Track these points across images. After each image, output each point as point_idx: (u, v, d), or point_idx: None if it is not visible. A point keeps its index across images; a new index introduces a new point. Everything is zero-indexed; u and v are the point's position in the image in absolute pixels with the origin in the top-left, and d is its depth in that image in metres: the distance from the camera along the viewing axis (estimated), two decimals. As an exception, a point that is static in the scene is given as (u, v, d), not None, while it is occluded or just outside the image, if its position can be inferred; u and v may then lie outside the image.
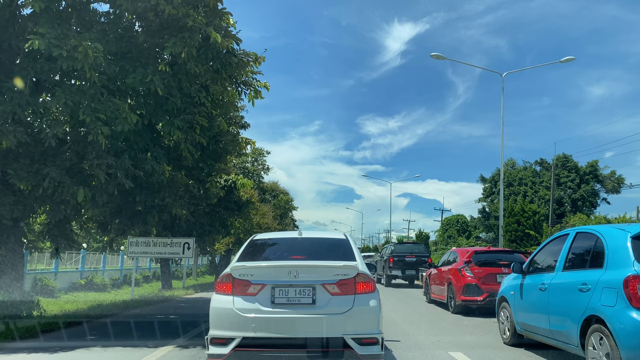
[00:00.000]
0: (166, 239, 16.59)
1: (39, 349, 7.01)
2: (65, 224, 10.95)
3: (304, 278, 5.15)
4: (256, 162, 42.59)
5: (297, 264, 5.29)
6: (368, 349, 4.94)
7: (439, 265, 14.21)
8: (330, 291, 5.13)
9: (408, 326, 9.68)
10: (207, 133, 10.36)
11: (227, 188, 20.09)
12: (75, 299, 16.53)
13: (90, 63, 7.44)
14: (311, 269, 5.23)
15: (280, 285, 5.13)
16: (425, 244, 46.08)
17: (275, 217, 41.14)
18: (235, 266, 5.31)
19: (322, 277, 5.17)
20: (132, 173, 9.00)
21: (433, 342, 7.86)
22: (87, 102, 7.97)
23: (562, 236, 6.65)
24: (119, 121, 8.13)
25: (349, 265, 5.26)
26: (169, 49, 8.29)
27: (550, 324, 6.12)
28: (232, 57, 9.30)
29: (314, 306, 5.08)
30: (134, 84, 8.47)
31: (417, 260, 22.48)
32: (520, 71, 22.63)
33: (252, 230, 35.41)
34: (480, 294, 11.50)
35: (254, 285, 5.14)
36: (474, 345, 7.69)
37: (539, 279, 6.65)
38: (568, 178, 47.17)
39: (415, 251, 23.60)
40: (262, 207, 38.23)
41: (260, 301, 5.09)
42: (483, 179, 56.67)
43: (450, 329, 9.49)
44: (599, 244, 5.59)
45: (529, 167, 54.60)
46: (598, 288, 5.16)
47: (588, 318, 5.23)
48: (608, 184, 50.66)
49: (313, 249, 6.04)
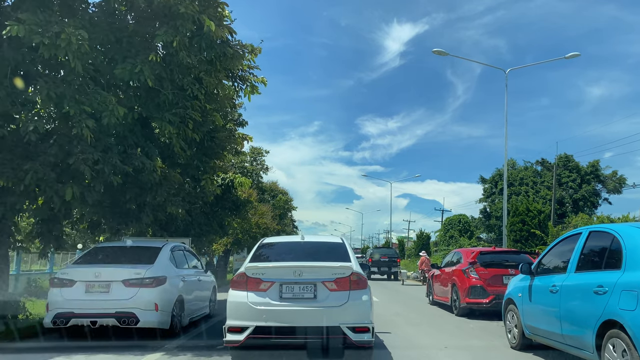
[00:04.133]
0: (161, 239, 16.28)
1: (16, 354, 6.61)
2: (55, 224, 10.49)
3: (307, 276, 6.02)
4: (255, 162, 42.11)
5: (301, 265, 6.11)
6: (360, 335, 5.84)
7: (442, 266, 13.88)
8: (329, 287, 6.01)
9: (410, 329, 9.55)
10: (201, 128, 9.91)
11: (224, 187, 19.46)
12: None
13: (74, 51, 6.98)
14: (313, 269, 6.08)
15: (286, 282, 6.01)
16: (426, 244, 46.46)
17: (274, 217, 40.70)
18: (248, 266, 6.17)
19: (322, 275, 6.04)
20: (120, 169, 8.53)
21: (436, 345, 7.75)
22: (71, 93, 7.50)
23: (574, 235, 6.35)
24: (106, 114, 7.66)
25: (344, 265, 6.15)
26: (160, 37, 7.83)
27: (562, 328, 5.81)
28: (226, 47, 8.83)
29: (315, 300, 5.97)
30: (122, 75, 7.99)
31: (389, 260, 31.13)
32: (523, 68, 22.22)
33: (251, 230, 34.90)
34: (486, 296, 11.11)
35: (265, 282, 6.01)
36: (482, 348, 7.60)
37: (550, 280, 6.34)
38: (569, 178, 46.86)
39: (388, 254, 32.30)
40: (261, 207, 37.83)
41: (270, 296, 5.97)
42: (483, 179, 56.38)
43: (455, 332, 9.26)
44: (616, 243, 5.28)
45: (530, 167, 54.26)
46: (616, 290, 4.85)
47: (605, 323, 4.93)
48: (609, 184, 50.40)
49: (314, 251, 6.83)
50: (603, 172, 50.37)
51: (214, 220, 20.06)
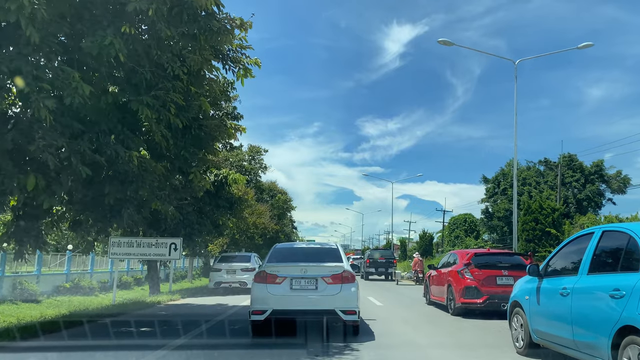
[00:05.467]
0: (151, 239, 15.07)
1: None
2: (33, 222, 9.44)
3: (310, 273, 7.99)
4: (254, 161, 40.93)
5: (306, 265, 8.11)
6: (350, 316, 7.83)
7: (439, 267, 14.20)
8: (326, 281, 7.94)
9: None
10: (185, 114, 8.83)
11: (217, 183, 18.35)
12: (59, 303, 15.27)
13: (28, 17, 5.92)
14: (315, 268, 8.08)
15: (295, 277, 7.97)
16: (429, 244, 45.66)
17: (272, 217, 39.45)
18: (267, 265, 8.23)
19: (321, 272, 8.02)
20: (90, 158, 7.47)
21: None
22: (28, 69, 6.43)
23: (586, 235, 6.03)
24: (68, 92, 6.56)
25: (338, 265, 8.22)
26: (133, 3, 6.74)
27: (574, 333, 5.48)
28: (212, 20, 7.73)
29: (316, 290, 7.91)
30: (91, 49, 6.90)
31: (386, 261, 31.67)
32: (528, 65, 20.94)
33: (248, 230, 33.61)
34: (480, 296, 11.47)
35: (279, 277, 7.95)
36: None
37: (559, 282, 6.04)
38: (573, 178, 45.83)
39: (385, 255, 32.90)
40: (259, 207, 36.54)
41: (283, 287, 7.91)
42: (485, 179, 55.43)
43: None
44: (633, 243, 4.96)
45: (533, 167, 53.21)
46: (635, 294, 4.54)
47: (622, 328, 4.63)
48: (613, 184, 49.60)
49: (315, 254, 8.98)
50: (607, 172, 49.51)
51: (208, 220, 19.02)
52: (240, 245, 34.41)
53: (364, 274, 33.06)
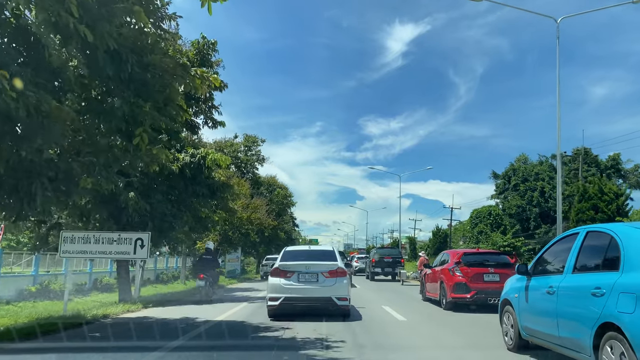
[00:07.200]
0: (112, 234, 12.72)
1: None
2: None
3: (313, 269, 10.83)
4: (250, 152, 38.84)
5: (309, 263, 10.96)
6: (342, 302, 10.63)
7: (434, 266, 15.32)
8: (325, 275, 10.76)
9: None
10: (104, 25, 5.98)
11: (194, 165, 15.09)
12: (18, 311, 13.24)
13: None
14: (316, 265, 10.91)
15: (302, 272, 10.80)
16: (443, 241, 43.62)
17: (269, 212, 37.62)
18: (281, 264, 11.02)
19: (321, 269, 10.84)
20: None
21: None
22: None
23: (571, 235, 6.26)
24: None
25: (334, 263, 11.04)
26: None
27: (560, 330, 5.76)
28: None
29: (317, 283, 10.73)
30: None
31: (393, 261, 30.05)
32: (578, 16, 18.88)
33: (242, 226, 31.67)
34: (469, 291, 12.73)
35: (290, 272, 10.81)
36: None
37: (546, 281, 6.29)
38: (588, 172, 43.68)
39: (392, 254, 31.09)
40: (255, 201, 34.92)
41: (293, 280, 10.74)
42: (495, 175, 53.58)
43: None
44: (614, 244, 5.19)
45: (545, 162, 51.19)
46: (614, 293, 4.78)
47: (603, 325, 4.86)
48: (631, 178, 47.52)
49: (316, 254, 11.67)
50: (624, 167, 47.34)
51: (186, 211, 15.89)
52: (236, 243, 32.54)
53: (369, 274, 31.16)
